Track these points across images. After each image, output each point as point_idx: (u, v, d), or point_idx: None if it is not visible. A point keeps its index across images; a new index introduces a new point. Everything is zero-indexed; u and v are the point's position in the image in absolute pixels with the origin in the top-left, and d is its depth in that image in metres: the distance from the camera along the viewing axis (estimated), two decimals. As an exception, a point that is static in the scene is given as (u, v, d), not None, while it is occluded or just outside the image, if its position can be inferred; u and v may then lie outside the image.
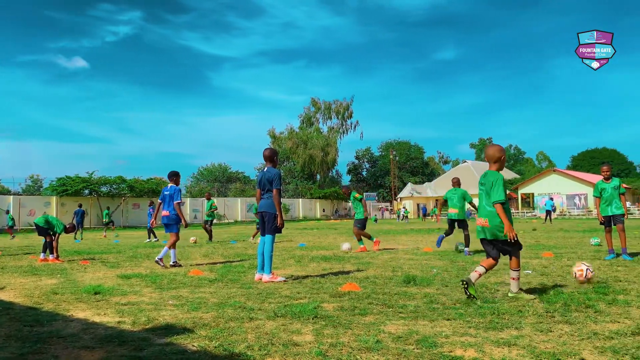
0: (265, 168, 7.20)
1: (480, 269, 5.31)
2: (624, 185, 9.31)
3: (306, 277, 7.21)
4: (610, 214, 9.03)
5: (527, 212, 52.68)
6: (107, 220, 25.39)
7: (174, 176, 9.47)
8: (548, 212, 32.52)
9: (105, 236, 23.42)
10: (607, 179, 9.14)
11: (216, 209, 18.40)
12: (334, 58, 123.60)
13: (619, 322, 4.08)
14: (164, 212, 9.32)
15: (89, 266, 9.30)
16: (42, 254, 10.34)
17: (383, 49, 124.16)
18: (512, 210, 52.35)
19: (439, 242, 11.35)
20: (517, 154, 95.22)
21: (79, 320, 4.50)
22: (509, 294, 5.21)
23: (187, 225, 9.54)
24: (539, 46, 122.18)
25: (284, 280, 6.77)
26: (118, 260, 10.37)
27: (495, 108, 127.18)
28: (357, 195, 11.92)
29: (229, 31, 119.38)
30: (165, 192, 9.40)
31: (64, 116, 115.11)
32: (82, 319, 4.52)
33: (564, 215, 48.99)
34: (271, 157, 7.22)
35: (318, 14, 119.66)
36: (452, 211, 10.80)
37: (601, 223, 9.29)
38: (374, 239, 11.98)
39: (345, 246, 11.78)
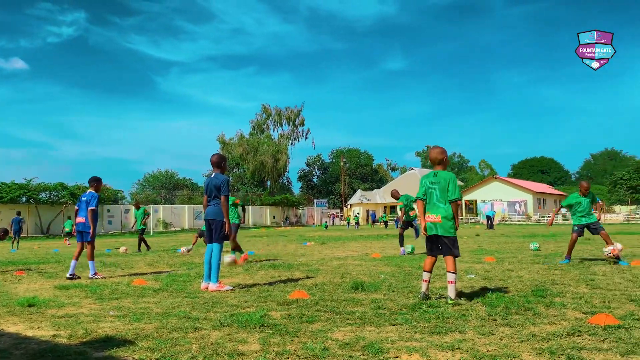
0: (213, 174, 7.06)
1: (427, 276, 5.49)
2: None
3: (254, 285, 7.12)
4: (585, 222, 9.39)
5: (470, 218, 54.33)
6: (69, 229, 24.42)
7: (95, 182, 8.82)
8: (488, 218, 33.86)
9: (69, 244, 22.49)
10: (584, 194, 9.48)
11: (149, 215, 17.88)
12: (284, 65, 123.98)
13: (555, 323, 4.24)
14: (79, 219, 8.67)
15: (24, 277, 8.82)
16: None
17: (333, 58, 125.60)
18: (458, 217, 53.90)
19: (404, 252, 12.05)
20: (461, 162, 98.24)
21: (9, 334, 4.24)
22: (449, 301, 5.21)
23: (93, 237, 8.65)
24: (481, 58, 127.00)
25: (231, 289, 6.64)
26: (56, 271, 9.89)
27: (440, 117, 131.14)
28: (237, 201, 11.98)
29: (177, 35, 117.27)
30: (83, 198, 8.73)
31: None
32: (14, 333, 4.26)
33: (505, 221, 50.85)
34: (219, 163, 7.04)
35: (268, 21, 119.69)
36: (412, 213, 12.58)
37: (549, 225, 10.46)
38: (243, 253, 11.25)
39: (227, 259, 10.36)
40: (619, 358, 3.25)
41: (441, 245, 5.49)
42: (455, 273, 5.35)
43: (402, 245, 12.25)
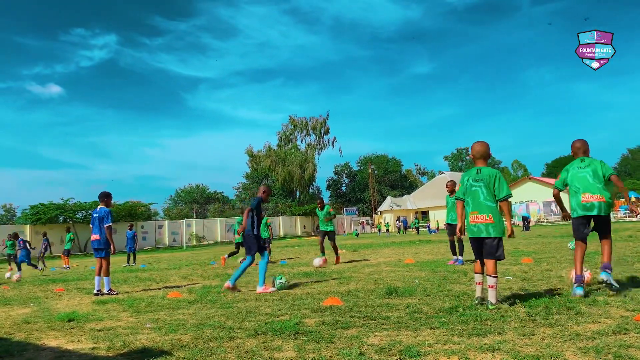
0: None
1: (479, 278, 5.22)
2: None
3: (287, 294, 7.11)
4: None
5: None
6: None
7: (105, 197, 8.84)
8: (524, 219, 33.16)
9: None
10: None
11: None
12: (310, 76, 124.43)
13: (599, 322, 4.09)
14: (94, 236, 8.68)
15: (63, 293, 9.03)
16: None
17: (358, 66, 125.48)
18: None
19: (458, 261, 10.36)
20: (492, 163, 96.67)
21: (51, 348, 4.33)
22: (489, 306, 4.90)
23: (114, 251, 8.69)
24: (509, 58, 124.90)
25: (274, 290, 7.41)
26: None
27: (469, 119, 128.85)
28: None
29: (204, 52, 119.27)
30: (95, 215, 8.71)
31: (37, 142, 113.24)
32: (55, 347, 4.35)
33: (542, 222, 49.65)
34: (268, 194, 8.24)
35: (293, 33, 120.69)
36: None
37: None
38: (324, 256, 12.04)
39: (317, 261, 11.50)
40: (670, 355, 3.09)
41: (485, 246, 5.10)
42: (496, 277, 5.04)
43: (454, 253, 10.67)
